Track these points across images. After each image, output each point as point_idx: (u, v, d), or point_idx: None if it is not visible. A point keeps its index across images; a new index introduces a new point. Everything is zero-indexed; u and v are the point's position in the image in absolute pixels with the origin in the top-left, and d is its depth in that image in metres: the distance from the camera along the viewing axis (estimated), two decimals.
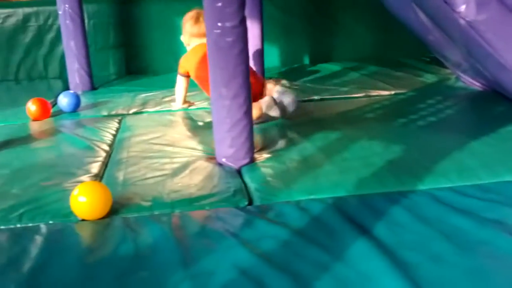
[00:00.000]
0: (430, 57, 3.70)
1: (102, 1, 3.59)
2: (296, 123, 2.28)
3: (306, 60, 3.81)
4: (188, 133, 2.23)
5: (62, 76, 3.55)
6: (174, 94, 2.97)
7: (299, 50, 3.80)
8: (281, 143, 2.03)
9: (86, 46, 3.12)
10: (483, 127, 2.14)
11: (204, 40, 2.48)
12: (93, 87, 3.20)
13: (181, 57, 2.61)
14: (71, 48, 3.09)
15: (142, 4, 3.62)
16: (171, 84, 3.22)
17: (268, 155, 1.91)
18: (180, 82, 2.63)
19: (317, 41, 3.81)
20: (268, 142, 2.04)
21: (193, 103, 2.71)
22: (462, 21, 1.86)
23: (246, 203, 1.56)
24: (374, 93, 2.79)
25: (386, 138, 2.03)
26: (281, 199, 1.56)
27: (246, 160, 1.85)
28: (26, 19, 3.49)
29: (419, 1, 2.32)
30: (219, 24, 1.71)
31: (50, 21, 3.51)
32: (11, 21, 3.49)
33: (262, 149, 1.97)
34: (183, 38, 2.63)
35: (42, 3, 3.55)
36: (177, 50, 3.65)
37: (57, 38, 3.52)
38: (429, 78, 3.08)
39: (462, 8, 1.86)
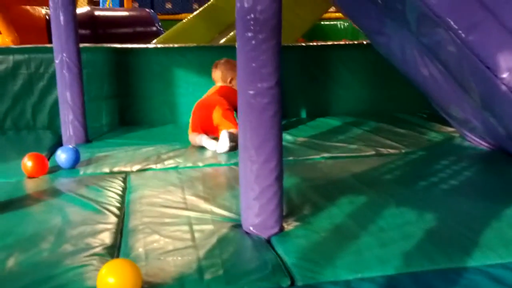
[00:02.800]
0: (427, 113, 3.70)
1: (97, 50, 3.47)
2: (316, 185, 2.18)
3: (303, 114, 3.76)
4: (203, 195, 2.08)
5: (51, 127, 3.37)
6: (175, 149, 2.84)
7: (296, 104, 3.75)
8: (307, 209, 1.91)
9: (82, 97, 2.97)
10: (509, 191, 2.09)
11: (215, 84, 3.16)
12: (87, 140, 3.03)
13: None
14: (66, 99, 2.93)
15: (140, 54, 3.52)
16: (170, 138, 3.11)
17: (296, 223, 1.79)
18: None
19: (313, 95, 3.77)
20: (292, 207, 1.92)
21: None
22: (503, 87, 1.83)
23: (289, 282, 1.42)
24: (384, 151, 2.73)
25: (415, 204, 1.94)
26: (326, 278, 1.43)
27: (276, 230, 1.72)
28: (16, 66, 3.32)
29: (437, 54, 2.30)
30: (254, 85, 1.62)
31: (41, 69, 3.34)
32: (0, 68, 3.31)
33: (287, 215, 1.84)
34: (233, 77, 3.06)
35: (35, 50, 3.41)
36: (174, 101, 3.55)
37: (48, 87, 3.36)
38: (435, 137, 3.05)
39: (505, 74, 1.83)
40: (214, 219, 1.83)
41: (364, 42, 3.96)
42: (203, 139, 2.82)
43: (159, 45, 3.86)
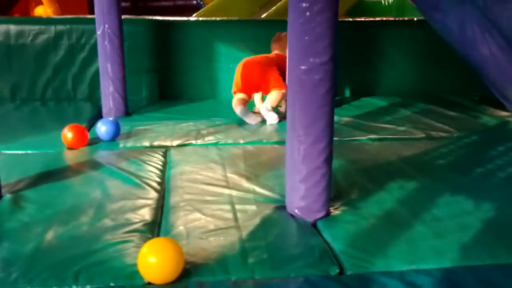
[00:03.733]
0: (478, 96, 3.52)
1: (138, 22, 3.41)
2: (363, 167, 2.07)
3: (347, 93, 3.62)
4: (245, 173, 2.01)
5: (91, 98, 3.35)
6: (215, 125, 2.77)
7: (340, 82, 3.61)
8: (355, 193, 1.81)
9: (123, 70, 2.93)
10: None
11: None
12: (127, 113, 2.99)
13: None
14: (107, 71, 2.89)
15: (181, 28, 3.44)
16: (210, 113, 3.04)
17: (344, 207, 1.69)
18: None
19: (358, 73, 3.62)
20: (339, 190, 1.82)
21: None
22: None
23: (338, 271, 1.33)
24: (435, 134, 2.58)
25: (471, 193, 1.81)
26: (378, 268, 1.34)
27: (322, 213, 1.63)
28: (58, 36, 3.30)
29: (505, 30, 2.12)
30: (307, 59, 1.51)
31: (83, 40, 3.31)
32: (42, 38, 3.30)
33: (333, 198, 1.75)
34: None
35: (76, 20, 3.37)
36: (214, 77, 3.48)
37: (89, 58, 3.33)
38: (488, 121, 2.88)
39: None
40: (257, 199, 1.75)
41: (415, 19, 3.76)
42: (244, 114, 2.81)
43: (201, 19, 3.78)
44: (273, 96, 2.86)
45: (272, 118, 2.81)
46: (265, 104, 2.85)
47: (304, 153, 1.59)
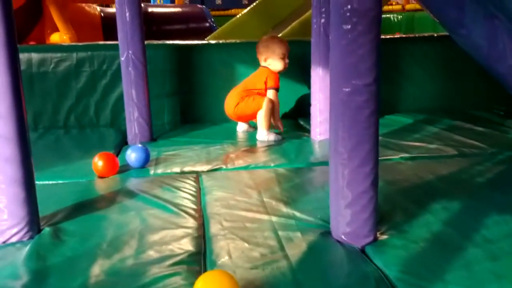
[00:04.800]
0: (503, 110, 3.47)
1: (160, 47, 3.42)
2: (402, 188, 2.03)
3: None
4: (281, 197, 1.97)
5: (114, 124, 3.34)
6: (242, 148, 2.75)
7: None
8: (398, 216, 1.76)
9: (147, 95, 2.92)
10: None
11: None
12: (152, 138, 2.97)
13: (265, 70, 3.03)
14: (131, 97, 2.88)
15: (201, 51, 3.45)
16: (235, 135, 3.03)
17: (391, 231, 1.65)
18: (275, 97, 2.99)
19: (381, 90, 3.59)
20: (381, 213, 1.78)
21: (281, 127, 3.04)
22: None
23: None
24: (467, 151, 2.54)
25: None
26: None
27: (370, 239, 1.59)
28: (79, 63, 3.31)
29: None
30: (350, 81, 1.49)
31: (104, 67, 3.32)
32: (64, 65, 3.31)
33: (378, 222, 1.70)
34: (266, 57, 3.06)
35: (98, 47, 3.39)
36: None
37: (111, 84, 3.33)
38: None
39: None
40: (299, 225, 1.71)
41: (435, 35, 3.75)
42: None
43: (220, 41, 3.78)
44: (259, 120, 2.92)
45: (271, 137, 2.88)
46: (259, 135, 2.90)
47: (349, 177, 1.55)
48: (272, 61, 3.04)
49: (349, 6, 1.44)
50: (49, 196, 2.03)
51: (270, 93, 2.99)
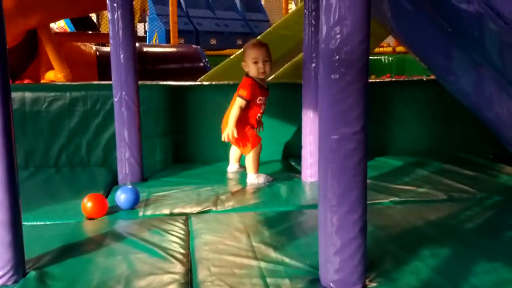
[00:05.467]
0: (492, 154, 3.51)
1: (153, 87, 3.46)
2: (391, 233, 2.03)
3: None
4: (271, 242, 1.96)
5: (105, 163, 3.34)
6: (233, 189, 2.75)
7: None
8: (388, 262, 1.76)
9: (139, 135, 2.93)
10: None
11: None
12: (143, 178, 2.97)
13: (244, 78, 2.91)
14: (123, 137, 2.89)
15: (195, 91, 3.49)
16: (226, 177, 3.04)
17: (379, 279, 1.64)
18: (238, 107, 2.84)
19: (371, 133, 3.61)
20: (371, 260, 1.77)
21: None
22: None
23: None
24: (457, 196, 2.56)
25: (507, 259, 1.76)
26: None
27: (358, 286, 1.58)
28: (73, 103, 3.34)
29: None
30: (339, 129, 1.51)
31: (98, 106, 3.34)
32: (57, 104, 3.33)
33: (367, 269, 1.69)
34: (244, 62, 2.91)
35: (91, 87, 3.42)
36: None
37: (104, 123, 3.35)
38: (507, 180, 2.86)
39: None
40: (288, 272, 1.70)
41: (424, 79, 3.84)
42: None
43: (213, 83, 3.83)
44: (247, 164, 2.88)
45: (261, 180, 2.84)
46: (248, 178, 2.86)
47: (338, 224, 1.55)
48: (247, 66, 2.88)
49: (337, 57, 1.47)
50: (36, 238, 2.01)
51: (237, 102, 2.85)
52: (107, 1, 2.81)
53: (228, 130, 2.81)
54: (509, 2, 1.52)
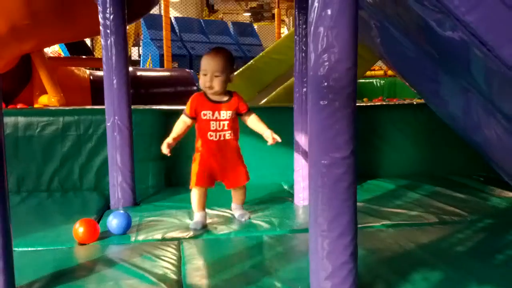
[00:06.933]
0: (483, 176, 3.54)
1: (147, 111, 3.48)
2: (383, 257, 2.03)
3: None
4: (263, 266, 1.96)
5: (97, 188, 3.34)
6: (225, 214, 2.75)
7: None
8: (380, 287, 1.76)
9: (132, 160, 2.94)
10: None
11: None
12: (135, 203, 2.97)
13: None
14: (115, 161, 2.90)
15: None
16: (218, 201, 3.02)
17: None
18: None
19: (362, 155, 3.64)
20: (363, 284, 1.77)
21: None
22: None
23: None
24: (448, 219, 2.57)
25: (498, 283, 1.78)
26: None
27: None
28: (65, 127, 3.35)
29: None
30: (328, 154, 1.53)
31: (90, 131, 3.36)
32: (50, 129, 3.34)
33: None
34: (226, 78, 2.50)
35: (84, 111, 3.44)
36: None
37: (96, 148, 3.36)
38: (499, 203, 2.88)
39: None
40: None
41: (414, 102, 3.88)
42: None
43: None
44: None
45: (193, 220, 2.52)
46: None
47: (329, 248, 1.57)
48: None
49: (325, 83, 1.50)
50: (27, 264, 2.00)
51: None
52: (101, 28, 2.85)
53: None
54: (492, 31, 1.56)
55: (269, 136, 2.52)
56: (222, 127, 2.53)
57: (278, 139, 2.51)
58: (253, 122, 2.62)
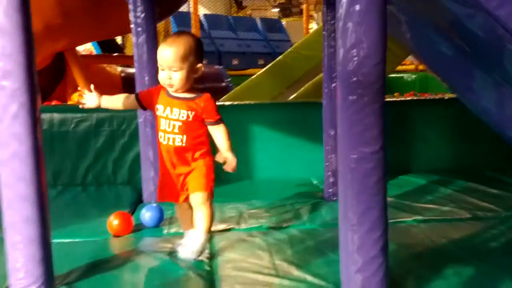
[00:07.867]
0: None
1: None
2: (414, 252, 2.03)
3: None
4: (293, 260, 1.98)
5: (131, 182, 3.41)
6: (255, 207, 2.77)
7: None
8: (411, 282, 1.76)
9: None
10: None
11: None
12: None
13: None
14: (148, 156, 2.96)
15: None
16: (248, 195, 3.06)
17: None
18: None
19: (393, 152, 3.62)
20: (394, 279, 1.77)
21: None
22: None
23: None
24: (481, 214, 2.54)
25: None
26: None
27: None
28: (99, 123, 3.43)
29: None
30: (357, 149, 1.54)
31: (123, 126, 3.43)
32: (84, 125, 3.43)
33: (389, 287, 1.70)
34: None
35: None
36: (249, 157, 3.52)
37: (129, 143, 3.43)
38: None
39: None
40: None
41: (445, 97, 3.83)
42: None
43: (235, 102, 3.90)
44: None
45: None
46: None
47: (359, 243, 1.57)
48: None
49: (354, 79, 1.51)
50: (65, 254, 2.07)
51: None
52: (132, 26, 2.91)
53: None
54: None
55: (229, 162, 2.15)
56: (172, 128, 2.00)
57: (233, 169, 2.14)
58: (217, 136, 2.16)
